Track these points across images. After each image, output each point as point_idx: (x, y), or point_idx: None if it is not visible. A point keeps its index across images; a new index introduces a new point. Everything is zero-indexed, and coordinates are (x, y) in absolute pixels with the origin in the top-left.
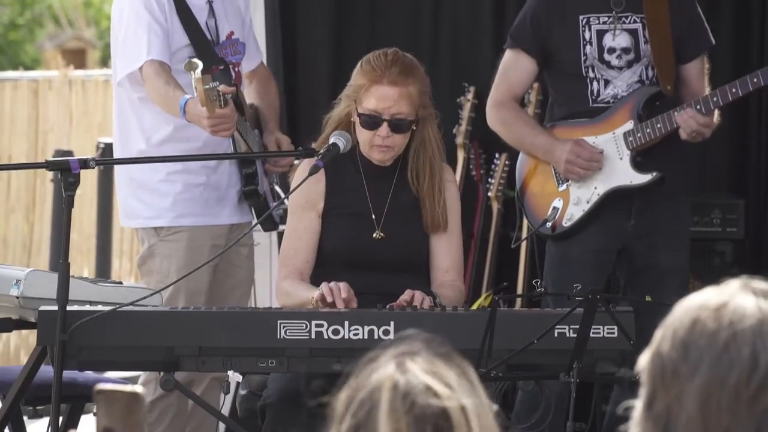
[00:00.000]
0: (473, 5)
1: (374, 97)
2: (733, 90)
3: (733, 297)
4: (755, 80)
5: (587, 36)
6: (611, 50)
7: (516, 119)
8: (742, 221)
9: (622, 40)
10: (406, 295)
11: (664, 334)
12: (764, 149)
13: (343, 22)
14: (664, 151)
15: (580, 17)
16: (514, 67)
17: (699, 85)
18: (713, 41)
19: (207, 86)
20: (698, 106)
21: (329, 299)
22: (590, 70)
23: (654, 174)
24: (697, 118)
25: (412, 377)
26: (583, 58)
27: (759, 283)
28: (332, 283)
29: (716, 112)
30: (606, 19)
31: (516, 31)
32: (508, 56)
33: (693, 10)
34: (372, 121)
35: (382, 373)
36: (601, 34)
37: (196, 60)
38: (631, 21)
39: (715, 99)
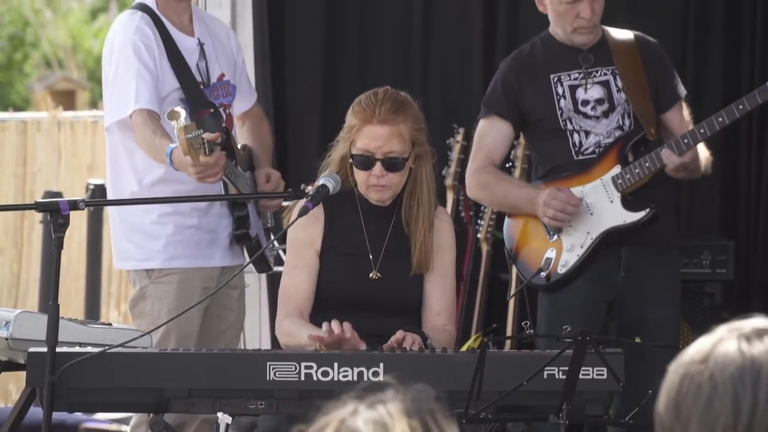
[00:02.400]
0: (463, 47)
1: (366, 137)
2: (720, 119)
3: (716, 346)
4: (741, 107)
5: (560, 91)
6: (585, 102)
7: (497, 180)
8: (731, 263)
9: (594, 93)
10: (399, 335)
11: (661, 396)
12: (754, 190)
13: (332, 65)
14: (654, 192)
15: (551, 76)
16: (490, 134)
17: (683, 131)
18: (684, 90)
19: (189, 135)
20: (686, 140)
21: (337, 331)
22: (568, 122)
23: (647, 210)
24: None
25: (355, 426)
26: (559, 113)
27: (749, 323)
28: (334, 322)
29: (704, 147)
30: (576, 75)
31: (488, 99)
32: (482, 125)
33: (662, 61)
34: (365, 161)
35: (336, 415)
36: (573, 89)
37: (178, 109)
38: (601, 74)
39: (702, 131)
